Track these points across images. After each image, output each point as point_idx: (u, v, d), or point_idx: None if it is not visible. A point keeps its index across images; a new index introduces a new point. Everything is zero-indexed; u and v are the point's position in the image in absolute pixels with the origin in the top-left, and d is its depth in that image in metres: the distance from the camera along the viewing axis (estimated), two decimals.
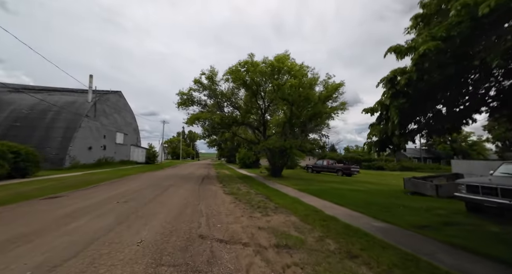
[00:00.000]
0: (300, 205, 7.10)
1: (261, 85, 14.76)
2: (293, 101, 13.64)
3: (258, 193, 9.66)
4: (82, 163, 21.43)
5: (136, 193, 8.56)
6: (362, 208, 6.76)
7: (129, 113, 33.77)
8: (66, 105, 22.10)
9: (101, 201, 6.96)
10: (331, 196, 8.78)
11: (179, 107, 15.11)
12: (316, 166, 24.42)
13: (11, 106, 20.81)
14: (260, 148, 14.43)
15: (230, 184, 12.68)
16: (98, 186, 10.46)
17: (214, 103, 15.60)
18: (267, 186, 12.23)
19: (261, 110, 15.84)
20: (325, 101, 14.42)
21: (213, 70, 14.63)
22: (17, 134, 18.99)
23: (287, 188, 11.67)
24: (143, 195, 8.12)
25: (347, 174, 21.48)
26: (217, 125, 16.40)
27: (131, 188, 9.89)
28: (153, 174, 18.45)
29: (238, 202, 7.50)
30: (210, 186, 11.63)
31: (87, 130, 22.35)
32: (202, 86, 15.01)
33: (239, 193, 9.50)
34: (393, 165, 38.11)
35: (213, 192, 9.44)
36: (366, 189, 11.80)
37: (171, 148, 76.60)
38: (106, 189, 9.54)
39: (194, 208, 6.40)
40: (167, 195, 8.39)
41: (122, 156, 31.14)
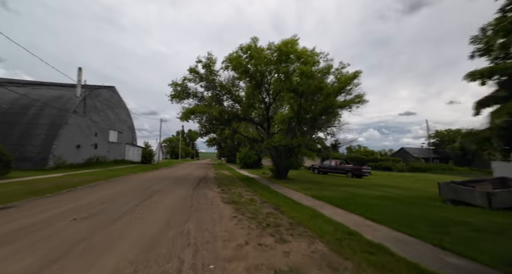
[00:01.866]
0: (323, 221, 5.30)
1: (265, 76, 12.95)
2: (302, 93, 11.83)
3: (264, 201, 7.88)
4: (69, 163, 19.65)
5: (110, 202, 6.76)
6: (407, 227, 4.97)
7: (124, 110, 31.96)
8: (51, 100, 20.28)
9: (56, 215, 5.16)
10: (356, 206, 6.97)
11: (172, 100, 13.29)
12: (323, 166, 22.62)
13: None
14: (265, 146, 12.63)
15: (230, 188, 10.89)
16: (70, 192, 8.66)
17: (212, 96, 13.79)
18: (273, 190, 10.44)
19: (265, 104, 14.00)
20: (338, 93, 12.59)
21: (210, 58, 12.80)
22: None
23: (297, 193, 9.87)
24: (117, 205, 6.32)
25: (358, 175, 19.68)
26: (216, 121, 14.61)
27: (108, 195, 8.09)
28: (144, 175, 16.66)
29: (241, 216, 5.71)
30: (206, 190, 9.84)
31: (74, 127, 20.54)
32: (199, 76, 13.18)
33: (241, 201, 7.70)
34: (401, 166, 36.30)
35: (208, 200, 7.64)
36: (390, 195, 9.99)
37: (170, 147, 74.79)
38: (76, 196, 7.74)
39: (180, 228, 4.60)
40: (149, 205, 6.58)
41: (116, 155, 29.37)
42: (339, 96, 13.04)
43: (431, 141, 50.91)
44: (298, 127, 12.88)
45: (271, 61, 12.17)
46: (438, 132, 49.39)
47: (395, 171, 35.40)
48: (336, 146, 13.83)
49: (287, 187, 11.85)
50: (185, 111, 12.81)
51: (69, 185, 10.46)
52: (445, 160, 46.57)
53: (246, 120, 14.72)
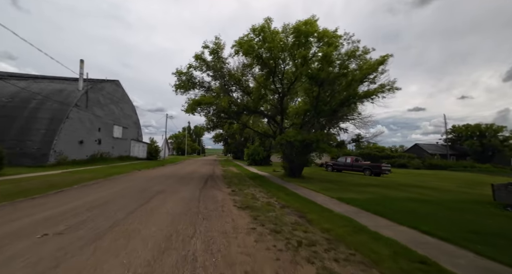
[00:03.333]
0: (370, 238, 4.01)
1: (278, 64, 11.56)
2: (322, 81, 10.43)
3: (284, 205, 6.63)
4: (71, 159, 18.83)
5: (101, 207, 5.63)
6: (493, 249, 3.63)
7: (129, 105, 31.10)
8: (52, 93, 19.43)
9: (26, 227, 4.04)
10: (399, 213, 5.65)
11: (176, 90, 12.08)
12: (337, 163, 21.18)
13: None
14: (278, 141, 11.34)
15: (241, 188, 9.69)
16: (61, 193, 7.62)
17: (220, 86, 12.51)
18: (290, 191, 9.18)
19: (278, 95, 12.63)
20: (362, 81, 11.11)
21: (218, 43, 11.46)
22: None
23: (318, 195, 8.58)
24: (108, 212, 5.17)
25: (377, 173, 18.20)
26: (224, 114, 13.36)
27: (102, 197, 6.99)
28: (148, 173, 15.67)
29: (261, 228, 4.48)
30: (214, 191, 8.66)
31: (76, 122, 19.68)
32: (205, 64, 11.89)
33: (256, 205, 6.48)
34: (417, 163, 34.41)
35: (218, 204, 6.44)
36: (428, 197, 8.58)
37: (176, 143, 74.31)
38: (65, 199, 6.66)
39: (183, 249, 3.39)
40: (147, 211, 5.42)
41: (121, 151, 28.63)
42: (361, 86, 11.53)
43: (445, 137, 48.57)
44: (316, 120, 11.49)
45: (286, 46, 10.78)
46: (455, 128, 46.90)
47: (410, 168, 33.56)
48: (358, 140, 12.28)
49: (304, 186, 10.58)
50: (190, 102, 11.60)
51: (63, 183, 9.47)
52: (462, 156, 44.26)
53: (257, 113, 13.41)
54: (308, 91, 12.01)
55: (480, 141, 41.61)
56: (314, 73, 10.05)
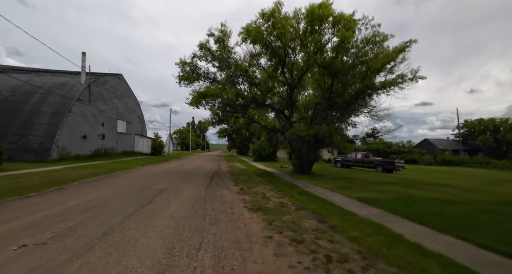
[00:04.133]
0: (414, 252, 3.32)
1: (288, 54, 10.72)
2: (337, 71, 9.59)
3: (299, 207, 5.98)
4: (74, 154, 18.50)
5: (97, 209, 5.06)
6: None
7: (132, 99, 30.64)
8: (54, 87, 18.99)
9: (5, 234, 3.47)
10: (434, 218, 4.93)
11: (180, 82, 11.40)
12: (347, 159, 20.38)
13: None
14: (289, 136, 10.62)
15: (249, 185, 9.07)
16: (58, 190, 7.11)
17: (226, 77, 11.77)
18: (303, 190, 8.51)
19: (288, 87, 11.84)
20: (379, 71, 10.22)
21: (224, 30, 10.65)
22: None
23: (335, 194, 7.90)
24: (104, 215, 4.59)
25: (389, 169, 17.38)
26: (230, 107, 12.68)
27: (101, 196, 6.44)
28: (152, 168, 15.19)
29: (278, 236, 3.84)
30: (221, 190, 8.05)
31: (79, 116, 19.27)
32: (210, 54, 11.15)
33: (268, 206, 5.84)
34: (428, 158, 33.30)
35: (227, 206, 5.82)
36: (456, 198, 7.79)
37: (181, 138, 74.24)
38: (61, 197, 6.12)
39: (189, 266, 2.76)
40: (148, 215, 4.82)
41: (125, 146, 28.32)
42: (377, 76, 10.62)
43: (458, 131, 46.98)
44: (330, 113, 10.69)
45: (297, 33, 9.93)
46: (467, 123, 45.27)
47: (421, 164, 32.51)
48: (373, 135, 11.46)
49: (317, 184, 9.90)
50: (195, 95, 10.93)
51: (63, 180, 9.00)
52: (475, 152, 42.81)
53: (266, 106, 12.66)
54: (320, 82, 11.17)
55: (494, 136, 40.06)
56: (328, 62, 9.22)
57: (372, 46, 9.82)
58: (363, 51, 9.83)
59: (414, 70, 9.75)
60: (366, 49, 9.85)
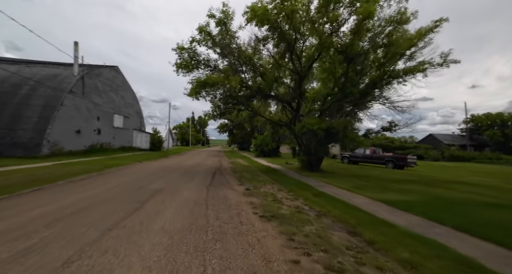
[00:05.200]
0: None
1: (298, 39, 9.57)
2: (354, 56, 8.48)
3: (319, 212, 5.00)
4: (68, 150, 17.53)
5: (73, 218, 4.07)
6: None
7: (129, 92, 29.48)
8: (45, 78, 17.86)
9: None
10: (497, 231, 3.94)
11: (177, 70, 10.29)
12: (355, 155, 19.36)
13: None
14: (299, 130, 9.58)
15: (255, 185, 8.09)
16: (39, 191, 6.12)
17: (228, 65, 10.64)
18: (317, 190, 7.52)
19: (297, 75, 10.72)
20: (401, 56, 9.08)
21: (226, 11, 9.46)
22: None
23: (354, 195, 6.91)
24: (79, 228, 3.60)
25: (400, 166, 16.40)
26: (232, 99, 11.61)
27: (84, 198, 5.45)
28: (149, 165, 14.22)
29: (306, 260, 2.86)
30: (225, 190, 7.06)
31: (72, 109, 18.20)
32: (211, 39, 9.99)
33: (283, 212, 4.86)
34: (435, 154, 32.32)
35: (233, 212, 4.83)
36: (494, 199, 6.79)
37: (181, 133, 73.26)
38: (37, 201, 5.13)
39: None
40: (133, 228, 3.84)
41: (123, 142, 27.33)
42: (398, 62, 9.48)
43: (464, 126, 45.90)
44: (345, 104, 9.60)
45: (308, 14, 8.77)
46: (474, 117, 44.13)
47: (428, 159, 31.55)
48: (391, 129, 10.37)
49: (330, 183, 8.92)
50: (195, 84, 9.83)
51: (47, 179, 8.03)
52: (481, 147, 41.79)
53: (271, 98, 11.56)
54: (332, 70, 10.03)
55: (502, 130, 38.99)
56: (346, 45, 8.11)
57: (396, 26, 8.62)
58: (386, 32, 8.67)
59: (444, 54, 8.61)
60: (388, 30, 8.68)
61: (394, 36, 8.47)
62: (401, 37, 8.83)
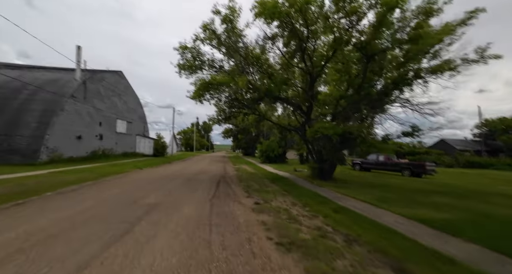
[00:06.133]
0: None
1: (310, 36, 8.77)
2: (374, 53, 7.62)
3: (348, 238, 4.05)
4: (68, 156, 16.92)
5: (35, 249, 3.23)
6: None
7: (133, 97, 29.06)
8: (46, 83, 17.44)
9: None
10: None
11: (180, 72, 9.57)
12: (367, 162, 18.26)
13: None
14: (311, 135, 8.68)
15: (264, 196, 7.18)
16: (16, 207, 5.33)
17: (234, 65, 9.88)
18: (336, 204, 6.56)
19: (309, 76, 9.87)
20: (425, 53, 8.15)
21: (233, 7, 8.78)
22: None
23: (383, 212, 5.93)
24: (35, 268, 2.74)
25: (417, 173, 15.24)
26: (238, 103, 10.82)
27: (61, 219, 4.62)
28: (151, 172, 13.45)
29: None
30: (231, 204, 6.16)
31: (73, 115, 17.67)
32: (216, 38, 9.28)
33: (303, 237, 3.94)
34: (449, 160, 30.86)
35: (242, 236, 3.92)
36: None
37: (185, 139, 72.85)
38: (6, 221, 4.31)
39: None
40: (113, 262, 2.98)
41: (126, 148, 26.76)
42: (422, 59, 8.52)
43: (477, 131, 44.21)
44: (363, 107, 8.68)
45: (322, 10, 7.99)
46: (487, 122, 42.46)
47: (441, 166, 30.06)
48: (413, 133, 9.34)
49: (348, 195, 7.94)
50: (198, 85, 9.07)
51: (35, 190, 7.26)
52: (495, 152, 39.95)
53: (281, 100, 10.73)
54: (348, 69, 9.13)
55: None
56: (366, 41, 7.25)
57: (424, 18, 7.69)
58: (412, 26, 7.75)
59: (480, 49, 7.62)
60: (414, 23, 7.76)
61: (421, 29, 7.56)
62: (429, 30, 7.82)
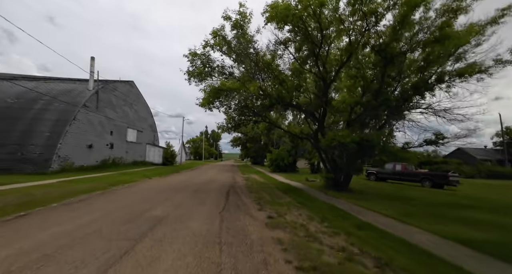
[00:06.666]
0: None
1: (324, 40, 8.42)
2: (394, 55, 7.17)
3: (379, 262, 3.49)
4: (78, 165, 16.99)
5: (26, 272, 2.86)
6: None
7: (144, 106, 29.49)
8: (60, 93, 17.86)
9: None
10: None
11: (189, 79, 9.41)
12: (383, 171, 17.35)
13: None
14: (326, 143, 8.17)
15: (278, 209, 6.66)
16: (19, 219, 5.08)
17: (244, 72, 9.64)
18: (358, 220, 5.96)
19: (322, 81, 9.47)
20: (449, 56, 7.60)
21: (243, 12, 8.61)
22: None
23: (411, 229, 5.29)
24: None
25: (439, 185, 14.24)
26: (248, 110, 10.51)
27: (63, 234, 4.31)
28: (159, 182, 13.18)
29: None
30: (243, 218, 5.69)
31: (85, 124, 17.89)
32: (226, 44, 9.11)
33: (326, 260, 3.41)
34: (469, 170, 29.16)
35: (256, 258, 3.44)
36: None
37: (194, 147, 73.23)
38: (3, 236, 4.03)
39: None
40: None
41: (136, 156, 26.89)
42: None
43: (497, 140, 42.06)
44: (384, 113, 8.12)
45: (336, 11, 7.70)
46: (508, 130, 40.36)
47: (461, 176, 28.38)
48: (437, 141, 8.62)
49: (368, 208, 7.29)
50: (208, 91, 8.84)
51: (41, 200, 7.07)
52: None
53: (293, 107, 10.32)
54: (364, 74, 8.67)
55: None
56: (385, 43, 6.83)
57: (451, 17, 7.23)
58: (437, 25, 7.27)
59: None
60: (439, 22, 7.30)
61: (447, 29, 7.06)
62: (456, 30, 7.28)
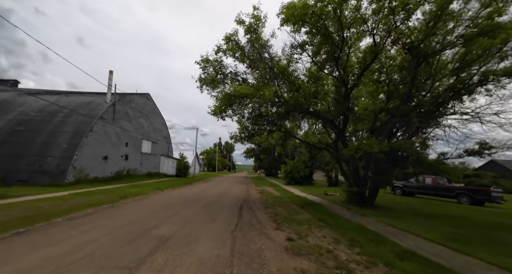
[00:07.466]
0: None
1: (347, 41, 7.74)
2: (426, 54, 6.31)
3: None
4: (93, 176, 16.99)
5: None
6: None
7: (159, 118, 29.90)
8: (79, 106, 18.36)
9: None
10: None
11: (201, 87, 9.04)
12: (410, 185, 15.80)
13: (20, 109, 17.74)
14: (350, 153, 7.28)
15: (298, 229, 5.79)
16: (13, 237, 4.62)
17: (259, 77, 9.13)
18: (397, 246, 4.97)
19: (343, 86, 8.71)
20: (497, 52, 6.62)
21: (258, 16, 8.22)
22: (16, 140, 15.43)
23: (469, 261, 4.26)
24: None
25: (480, 201, 12.56)
26: (261, 118, 9.90)
27: (53, 258, 3.75)
28: (170, 194, 12.67)
29: None
30: (258, 241, 4.89)
31: (101, 135, 18.11)
32: (239, 49, 8.72)
33: None
34: (509, 185, 26.29)
35: None
36: None
37: (207, 159, 73.39)
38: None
39: None
40: None
41: (150, 168, 26.90)
42: None
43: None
44: (417, 120, 7.14)
45: (358, 9, 7.09)
46: None
47: None
48: (481, 152, 7.43)
49: (403, 229, 6.22)
50: (221, 98, 8.36)
51: (47, 214, 6.73)
52: None
53: (311, 114, 9.55)
54: (390, 77, 7.83)
55: None
56: (418, 40, 6.02)
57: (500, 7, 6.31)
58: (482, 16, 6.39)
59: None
60: (484, 13, 6.41)
61: (495, 21, 6.14)
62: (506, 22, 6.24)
